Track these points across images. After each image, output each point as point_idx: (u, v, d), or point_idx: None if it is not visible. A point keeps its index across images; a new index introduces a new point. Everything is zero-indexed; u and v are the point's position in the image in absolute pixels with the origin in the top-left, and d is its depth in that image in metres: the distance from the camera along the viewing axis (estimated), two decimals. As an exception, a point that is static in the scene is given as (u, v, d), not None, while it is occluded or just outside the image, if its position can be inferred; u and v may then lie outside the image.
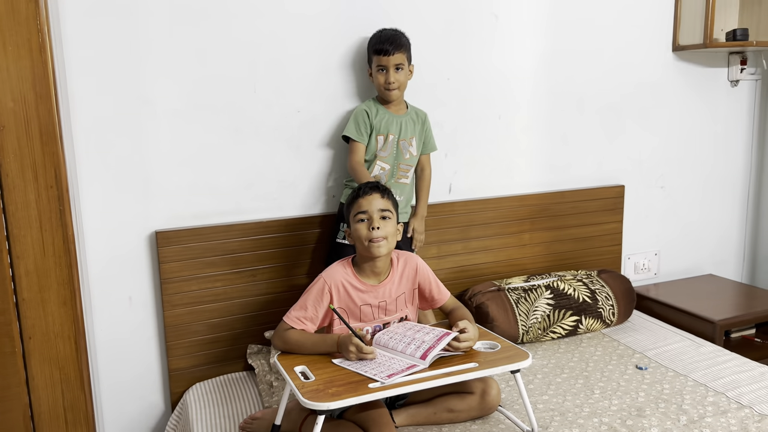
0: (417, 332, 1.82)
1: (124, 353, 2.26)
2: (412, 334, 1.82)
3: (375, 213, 1.86)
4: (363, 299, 1.90)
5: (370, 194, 1.88)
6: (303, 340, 1.82)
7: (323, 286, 1.87)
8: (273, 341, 1.88)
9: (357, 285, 1.89)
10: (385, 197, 1.89)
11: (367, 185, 1.90)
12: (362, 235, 1.86)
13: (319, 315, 1.87)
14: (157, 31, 2.12)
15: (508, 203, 2.71)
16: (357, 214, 1.87)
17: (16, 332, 1.69)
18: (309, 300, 1.87)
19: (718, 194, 3.25)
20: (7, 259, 1.65)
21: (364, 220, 1.86)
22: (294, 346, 1.82)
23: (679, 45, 2.94)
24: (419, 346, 1.76)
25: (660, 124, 3.02)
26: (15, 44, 1.58)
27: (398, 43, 2.22)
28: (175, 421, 2.24)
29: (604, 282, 2.67)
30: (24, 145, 1.62)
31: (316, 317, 1.87)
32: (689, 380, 2.17)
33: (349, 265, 1.92)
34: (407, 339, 1.80)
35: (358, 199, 1.89)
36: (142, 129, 2.16)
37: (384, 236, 1.85)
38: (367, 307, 1.91)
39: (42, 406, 1.76)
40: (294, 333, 1.83)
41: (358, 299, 1.89)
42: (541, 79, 2.73)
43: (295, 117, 2.34)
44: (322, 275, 1.90)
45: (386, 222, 1.87)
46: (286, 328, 1.85)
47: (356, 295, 1.89)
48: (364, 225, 1.86)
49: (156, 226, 2.23)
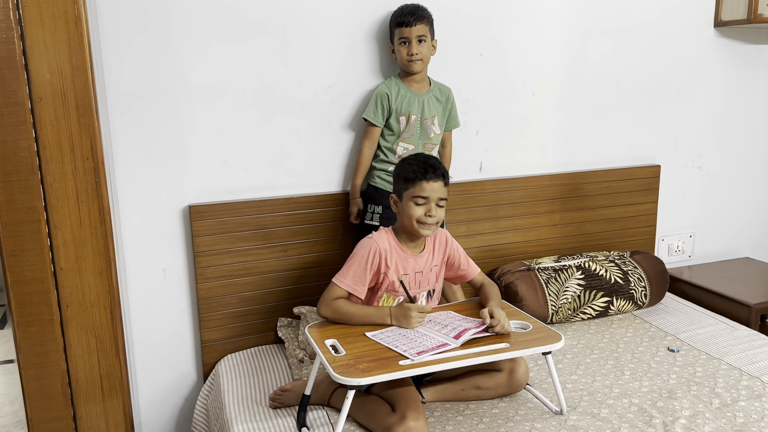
0: (459, 320, 1.83)
1: (158, 324, 2.31)
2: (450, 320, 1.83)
3: (434, 200, 1.87)
4: (404, 268, 1.91)
5: (435, 181, 1.86)
6: (354, 312, 1.83)
7: (375, 249, 1.88)
8: (320, 310, 1.87)
9: (400, 254, 1.91)
10: (446, 186, 1.90)
11: (434, 170, 1.87)
12: (415, 214, 1.86)
13: (368, 278, 1.89)
14: (190, 7, 2.13)
15: (539, 182, 2.68)
16: (416, 197, 1.86)
17: (54, 300, 1.73)
18: (359, 263, 1.88)
19: (757, 176, 3.16)
20: (45, 229, 1.69)
21: (422, 204, 1.87)
22: (344, 317, 1.83)
23: (721, 21, 2.85)
24: (455, 327, 1.76)
25: (699, 103, 2.95)
26: (51, 17, 1.59)
27: (420, 14, 2.20)
28: (207, 390, 2.28)
29: (636, 263, 2.63)
30: (61, 117, 1.65)
31: (365, 280, 1.88)
32: (723, 363, 2.13)
33: (392, 234, 1.94)
34: (447, 321, 1.81)
35: (421, 181, 1.86)
36: (176, 104, 2.18)
37: (437, 222, 1.88)
38: (406, 276, 1.92)
39: (79, 373, 1.81)
40: (343, 303, 1.84)
41: (401, 268, 1.91)
42: (576, 56, 2.68)
43: (325, 93, 2.34)
44: (372, 238, 1.91)
45: (441, 209, 1.89)
46: (335, 296, 1.85)
47: (400, 263, 1.91)
48: (421, 208, 1.86)
49: (189, 200, 2.25)
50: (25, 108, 1.62)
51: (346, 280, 1.87)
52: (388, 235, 1.93)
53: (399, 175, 1.92)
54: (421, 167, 1.87)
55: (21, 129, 1.62)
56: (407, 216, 1.88)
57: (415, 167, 1.88)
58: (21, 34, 1.59)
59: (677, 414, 1.83)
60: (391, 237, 1.93)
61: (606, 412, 1.84)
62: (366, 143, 2.30)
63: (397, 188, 1.93)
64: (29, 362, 1.75)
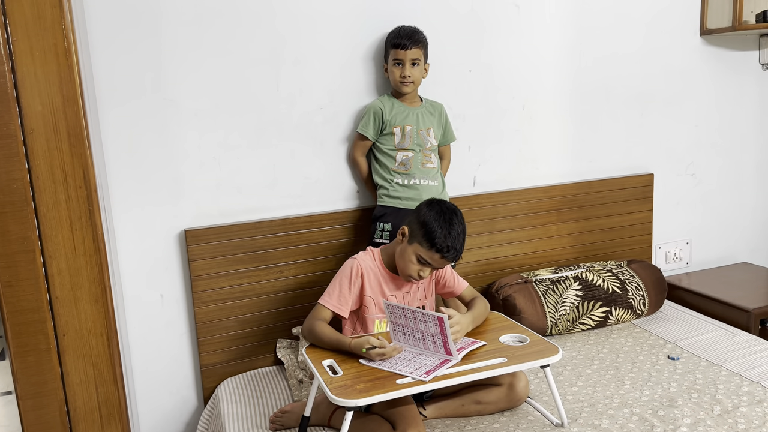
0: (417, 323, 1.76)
1: (156, 349, 2.30)
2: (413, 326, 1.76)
3: (435, 267, 1.90)
4: (390, 289, 1.92)
5: (448, 257, 1.86)
6: (322, 336, 1.82)
7: (357, 269, 1.91)
8: (302, 327, 1.92)
9: (385, 275, 1.92)
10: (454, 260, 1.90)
11: (454, 252, 1.84)
12: (412, 268, 1.88)
13: (351, 298, 1.90)
14: (180, 33, 2.15)
15: (533, 194, 2.69)
16: (422, 259, 1.86)
17: (50, 329, 1.73)
18: (342, 283, 1.90)
19: (751, 180, 3.17)
20: (40, 259, 1.69)
21: (423, 264, 1.88)
22: (315, 339, 1.84)
23: (707, 29, 2.87)
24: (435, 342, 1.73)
25: (689, 110, 2.96)
26: (41, 50, 1.61)
27: (416, 38, 2.24)
28: (207, 415, 2.27)
29: (634, 272, 2.64)
30: (53, 148, 1.66)
31: (348, 299, 1.90)
32: (723, 370, 2.13)
33: (378, 256, 1.95)
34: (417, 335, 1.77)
35: (436, 253, 1.84)
36: (168, 129, 2.20)
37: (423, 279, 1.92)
38: (393, 297, 1.95)
39: (77, 402, 1.80)
40: (319, 325, 1.85)
41: (387, 289, 1.92)
42: (565, 69, 2.70)
43: (317, 114, 2.36)
44: (355, 258, 1.94)
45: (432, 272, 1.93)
46: (318, 317, 1.88)
47: (384, 284, 1.91)
48: (419, 266, 1.88)
49: (185, 225, 2.26)
50: (18, 140, 1.63)
51: (331, 300, 1.90)
52: (373, 256, 1.95)
53: (425, 224, 1.85)
54: (446, 243, 1.83)
55: (14, 160, 1.63)
56: (403, 261, 1.90)
57: (441, 239, 1.82)
58: (12, 68, 1.61)
59: (678, 422, 1.82)
60: (377, 259, 1.95)
61: (607, 423, 1.83)
62: (358, 152, 2.35)
63: (412, 229, 1.89)
64: (27, 392, 1.75)
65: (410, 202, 2.22)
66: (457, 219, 1.87)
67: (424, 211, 1.88)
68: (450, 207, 1.90)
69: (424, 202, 1.93)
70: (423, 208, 1.90)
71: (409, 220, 1.93)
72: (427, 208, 1.88)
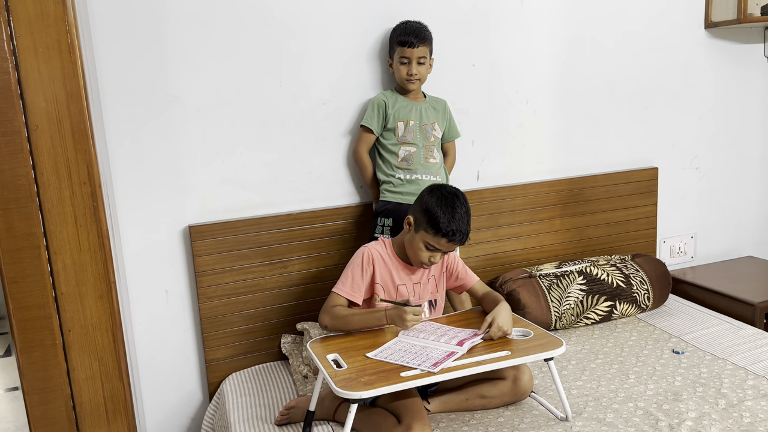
0: (448, 330, 1.83)
1: (162, 345, 2.31)
2: (443, 331, 1.83)
3: (444, 251, 1.90)
4: (401, 278, 1.93)
5: (454, 243, 1.86)
6: (351, 315, 1.84)
7: (368, 256, 1.93)
8: (321, 319, 1.90)
9: (396, 264, 1.92)
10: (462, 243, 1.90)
11: (460, 236, 1.85)
12: (420, 255, 1.89)
13: (364, 285, 1.92)
14: (183, 29, 2.15)
15: (537, 189, 2.68)
16: (430, 245, 1.87)
17: (56, 325, 1.74)
18: (355, 270, 1.92)
19: (756, 173, 3.16)
20: (45, 255, 1.70)
21: (431, 250, 1.88)
22: (342, 322, 1.85)
23: (711, 22, 2.86)
24: (453, 337, 1.77)
25: (693, 104, 2.95)
26: (45, 46, 1.61)
27: (423, 36, 2.24)
28: (213, 410, 2.28)
29: (638, 266, 2.63)
30: (57, 144, 1.66)
31: (362, 287, 1.91)
32: (728, 364, 2.12)
33: (390, 246, 1.96)
34: (439, 333, 1.81)
35: (443, 238, 1.84)
36: (172, 125, 2.20)
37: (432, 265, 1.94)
38: (403, 287, 1.95)
39: (83, 397, 1.81)
40: (341, 308, 1.87)
41: (397, 278, 1.92)
42: (569, 63, 2.69)
43: (320, 109, 2.36)
44: (366, 246, 1.95)
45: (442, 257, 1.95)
46: (334, 304, 1.89)
47: (395, 273, 1.92)
48: (429, 253, 1.88)
49: (189, 221, 2.27)
50: (22, 136, 1.63)
51: (345, 288, 1.91)
52: (384, 245, 1.95)
53: (428, 211, 1.85)
54: (450, 227, 1.82)
55: (18, 157, 1.64)
56: (412, 249, 1.91)
57: (445, 224, 1.82)
58: (15, 64, 1.61)
59: (683, 416, 1.82)
60: (388, 247, 1.96)
61: (612, 417, 1.83)
62: (362, 147, 2.33)
63: (417, 217, 1.89)
64: (33, 388, 1.76)
65: (412, 197, 2.22)
66: (460, 201, 1.87)
67: (426, 198, 1.89)
68: (451, 190, 1.90)
69: (425, 189, 1.94)
70: (425, 195, 1.91)
71: (413, 208, 1.93)
72: (429, 195, 1.89)
